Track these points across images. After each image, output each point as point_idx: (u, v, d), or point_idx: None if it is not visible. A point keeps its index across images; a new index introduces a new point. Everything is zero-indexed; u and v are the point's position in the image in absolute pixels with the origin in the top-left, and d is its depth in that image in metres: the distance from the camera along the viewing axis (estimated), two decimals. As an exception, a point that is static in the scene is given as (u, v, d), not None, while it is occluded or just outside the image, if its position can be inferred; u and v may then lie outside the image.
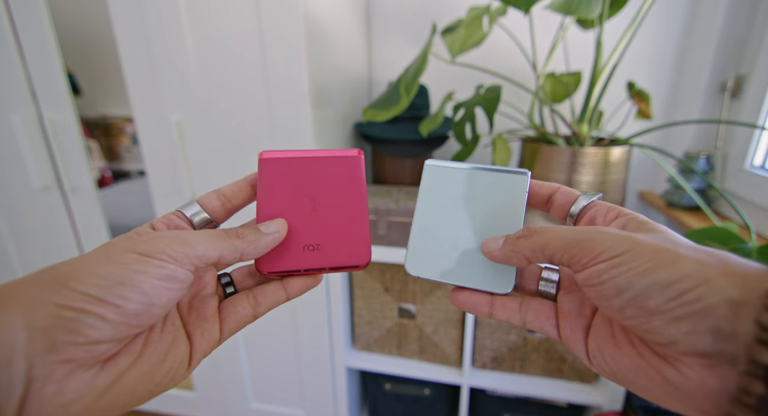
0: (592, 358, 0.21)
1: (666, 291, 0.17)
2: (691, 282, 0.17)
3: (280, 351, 1.03)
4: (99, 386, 0.18)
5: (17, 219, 1.05)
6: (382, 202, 0.86)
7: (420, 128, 0.85)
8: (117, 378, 0.19)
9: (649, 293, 0.17)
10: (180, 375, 0.22)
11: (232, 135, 0.86)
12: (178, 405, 1.18)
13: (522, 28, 0.92)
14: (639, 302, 0.17)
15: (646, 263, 0.18)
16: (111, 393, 0.19)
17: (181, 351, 0.22)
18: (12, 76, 0.90)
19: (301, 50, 0.75)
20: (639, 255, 0.18)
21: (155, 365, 0.21)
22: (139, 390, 0.20)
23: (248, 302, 0.25)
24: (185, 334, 0.23)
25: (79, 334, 0.17)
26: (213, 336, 0.24)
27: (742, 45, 0.86)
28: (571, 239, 0.20)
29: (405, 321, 0.97)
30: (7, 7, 0.85)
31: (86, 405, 0.18)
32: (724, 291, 0.16)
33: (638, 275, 0.18)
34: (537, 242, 0.22)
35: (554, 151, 0.77)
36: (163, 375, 0.21)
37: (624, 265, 0.18)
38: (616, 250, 0.19)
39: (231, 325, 0.25)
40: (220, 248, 0.22)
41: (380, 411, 1.11)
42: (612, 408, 0.88)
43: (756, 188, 0.80)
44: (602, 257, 0.19)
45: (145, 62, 0.83)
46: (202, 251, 0.21)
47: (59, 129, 0.94)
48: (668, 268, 0.17)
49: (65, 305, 0.17)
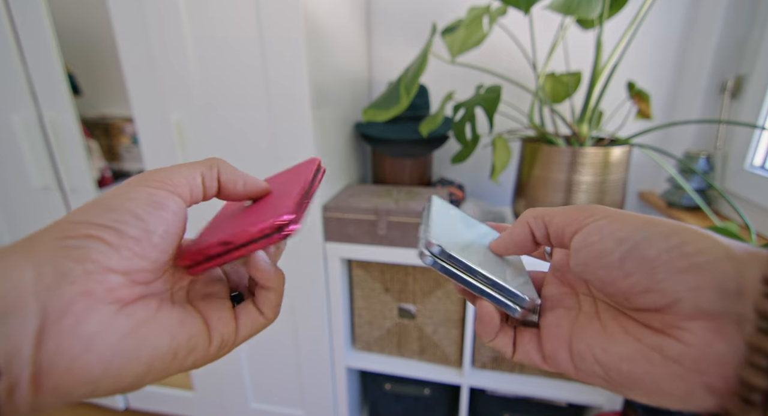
0: (579, 362, 0.20)
1: (668, 240, 0.17)
2: (690, 234, 0.16)
3: (280, 351, 1.03)
4: (120, 327, 0.18)
5: (17, 219, 1.05)
6: (382, 202, 0.86)
7: (420, 128, 0.85)
8: (137, 326, 0.18)
9: (649, 242, 0.17)
10: (200, 348, 0.21)
11: (232, 135, 0.86)
12: (178, 405, 1.18)
13: (522, 28, 0.92)
14: (640, 250, 0.17)
15: (642, 219, 0.18)
16: (132, 339, 0.18)
17: (198, 324, 0.22)
18: (12, 76, 0.90)
19: (301, 50, 0.75)
20: (634, 215, 0.19)
21: (175, 324, 0.20)
22: (162, 346, 0.19)
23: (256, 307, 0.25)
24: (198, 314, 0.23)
25: (87, 261, 0.17)
26: (229, 324, 0.23)
27: (742, 45, 0.86)
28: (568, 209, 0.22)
29: (405, 321, 0.97)
30: (7, 7, 0.85)
31: (108, 343, 0.17)
32: (725, 248, 0.16)
33: (637, 228, 0.18)
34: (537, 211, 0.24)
35: (554, 151, 0.77)
36: (185, 339, 0.20)
37: (622, 220, 0.19)
38: (612, 210, 0.20)
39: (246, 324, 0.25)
40: (198, 168, 0.23)
41: (380, 411, 1.11)
42: (612, 408, 0.88)
43: (756, 188, 0.80)
44: (600, 216, 0.20)
45: (145, 62, 0.83)
46: (184, 170, 0.22)
47: (59, 129, 0.94)
48: (665, 223, 0.18)
49: (66, 235, 0.17)
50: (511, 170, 1.13)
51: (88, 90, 1.30)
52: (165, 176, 0.21)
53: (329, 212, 0.87)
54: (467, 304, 0.88)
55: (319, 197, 0.86)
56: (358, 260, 0.93)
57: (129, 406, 1.25)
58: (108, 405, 1.25)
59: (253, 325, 0.25)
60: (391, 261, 0.87)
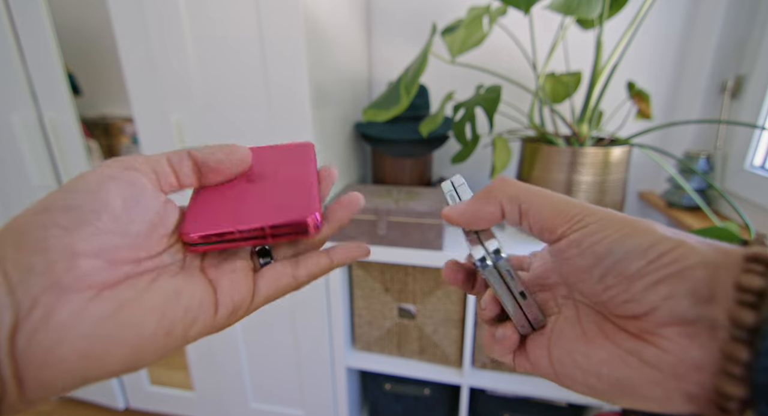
0: (559, 367, 0.20)
1: (646, 254, 0.17)
2: (668, 244, 0.16)
3: (280, 351, 1.03)
4: (94, 313, 0.17)
5: (17, 219, 1.05)
6: (382, 202, 0.86)
7: (420, 128, 0.85)
8: (118, 308, 0.18)
9: (629, 258, 0.17)
10: (203, 319, 0.20)
11: (232, 135, 0.85)
12: (178, 405, 1.18)
13: (522, 28, 0.92)
14: (619, 267, 0.17)
15: (623, 228, 0.18)
16: (112, 322, 0.17)
17: (198, 291, 0.20)
18: (12, 76, 0.90)
19: (301, 50, 0.75)
20: (614, 222, 0.18)
21: (166, 299, 0.19)
22: (148, 326, 0.18)
23: (287, 263, 0.23)
24: (204, 278, 0.21)
25: (48, 251, 0.16)
26: (242, 287, 0.22)
27: (742, 45, 0.86)
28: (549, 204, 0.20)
29: (405, 321, 0.97)
30: (7, 7, 0.85)
31: (82, 332, 0.17)
32: (700, 253, 0.16)
33: (616, 241, 0.18)
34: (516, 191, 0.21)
35: (554, 151, 0.77)
36: (179, 314, 0.19)
37: (602, 231, 0.18)
38: (592, 217, 0.19)
39: (269, 281, 0.23)
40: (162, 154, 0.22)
41: (380, 411, 1.11)
42: (612, 408, 0.88)
43: (756, 188, 0.80)
44: (580, 224, 0.19)
45: (145, 62, 0.83)
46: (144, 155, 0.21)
47: (59, 129, 0.94)
48: (646, 232, 0.17)
49: (23, 230, 0.17)
50: (511, 170, 1.13)
51: (88, 90, 1.30)
52: (119, 159, 0.20)
53: (329, 212, 0.86)
54: (467, 304, 0.88)
55: (319, 197, 0.86)
56: (357, 260, 0.93)
57: (129, 406, 1.25)
58: (108, 405, 1.25)
59: (277, 287, 0.23)
60: (391, 261, 0.87)
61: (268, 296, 0.23)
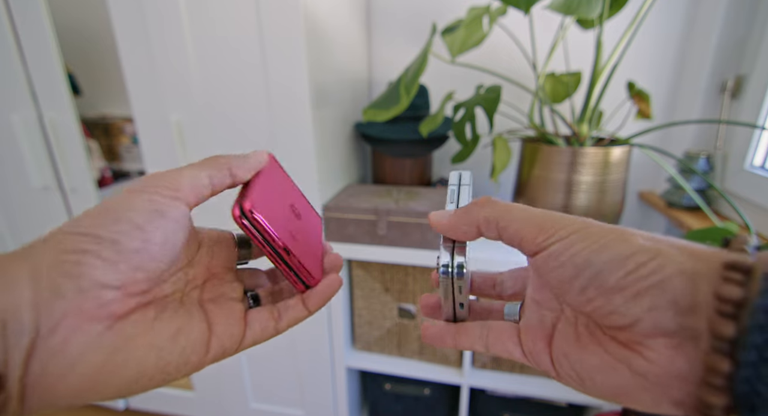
0: (558, 367, 0.21)
1: (624, 265, 0.17)
2: (646, 255, 0.16)
3: (280, 351, 1.03)
4: (106, 346, 0.18)
5: (17, 219, 1.05)
6: (382, 202, 0.86)
7: (420, 128, 0.85)
8: (124, 343, 0.18)
9: (608, 269, 0.17)
10: (195, 359, 0.21)
11: (232, 135, 0.86)
12: (178, 405, 1.18)
13: (522, 28, 0.92)
14: (599, 279, 0.17)
15: (601, 239, 0.18)
16: (118, 357, 0.18)
17: (195, 333, 0.21)
18: (12, 76, 0.90)
19: (301, 50, 0.75)
20: (592, 233, 0.18)
21: (166, 340, 0.20)
22: (147, 363, 0.19)
23: (272, 315, 0.25)
24: (204, 319, 0.22)
25: (82, 277, 0.17)
26: (235, 331, 0.23)
27: (742, 45, 0.86)
28: (526, 218, 0.20)
29: (405, 321, 0.97)
30: (7, 7, 0.85)
31: (92, 364, 0.17)
32: (678, 262, 0.16)
33: (595, 252, 0.17)
34: (493, 212, 0.21)
35: (554, 151, 0.77)
36: (176, 354, 0.20)
37: (580, 242, 0.18)
38: (569, 229, 0.19)
39: (255, 331, 0.24)
40: (206, 168, 0.22)
41: (380, 411, 1.11)
42: (612, 408, 0.88)
43: (756, 188, 0.80)
44: (557, 237, 0.19)
45: (145, 62, 0.83)
46: (188, 173, 0.21)
47: (59, 129, 0.94)
48: (623, 243, 0.17)
49: (64, 249, 0.17)
50: (511, 170, 1.13)
51: (88, 90, 1.30)
52: (168, 181, 0.21)
53: (329, 212, 0.87)
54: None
55: (320, 197, 0.86)
56: (358, 260, 0.93)
57: (129, 406, 1.25)
58: (108, 405, 1.25)
59: (262, 335, 0.24)
60: (391, 261, 0.87)
61: (254, 343, 0.24)
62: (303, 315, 0.26)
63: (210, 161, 0.23)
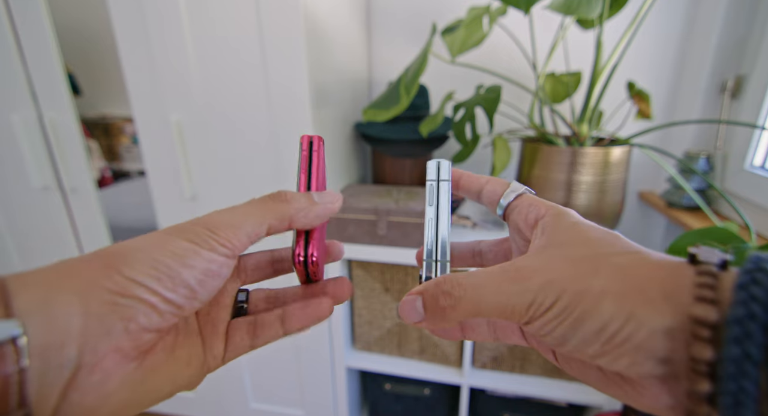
0: (562, 364, 0.22)
1: (599, 337, 0.17)
2: (617, 323, 0.17)
3: (280, 351, 1.03)
4: (135, 380, 0.18)
5: (17, 219, 1.05)
6: (382, 202, 0.86)
7: (420, 128, 0.86)
8: (149, 375, 0.19)
9: (585, 343, 0.18)
10: (195, 381, 0.22)
11: (232, 135, 0.86)
12: (178, 405, 1.18)
13: (522, 28, 0.92)
14: (579, 350, 0.18)
15: (574, 312, 0.18)
16: (142, 388, 0.19)
17: (198, 359, 0.22)
18: (12, 76, 0.90)
19: (301, 50, 0.75)
20: (566, 305, 0.18)
21: (182, 367, 0.21)
22: (162, 391, 0.20)
23: (248, 332, 0.25)
24: (202, 342, 0.23)
25: (131, 321, 0.17)
26: (218, 355, 0.24)
27: (742, 45, 0.86)
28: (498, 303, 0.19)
29: (405, 321, 0.97)
30: (7, 7, 0.85)
31: (122, 398, 0.18)
32: (649, 324, 0.16)
33: (570, 327, 0.18)
34: (467, 309, 0.20)
35: (554, 151, 0.77)
36: (185, 378, 0.21)
37: (555, 320, 0.18)
38: (543, 305, 0.18)
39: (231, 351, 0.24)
40: (268, 219, 0.22)
41: (380, 411, 1.11)
42: (612, 408, 0.88)
43: (756, 188, 0.80)
44: (536, 315, 0.19)
45: (145, 62, 0.83)
46: (250, 229, 0.21)
47: (59, 129, 0.94)
48: (594, 314, 0.17)
49: (120, 292, 0.17)
50: (511, 170, 1.13)
51: (88, 90, 1.30)
52: (230, 236, 0.20)
53: (329, 212, 0.86)
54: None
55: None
56: (358, 260, 0.93)
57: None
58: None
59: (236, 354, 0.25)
60: (391, 261, 0.87)
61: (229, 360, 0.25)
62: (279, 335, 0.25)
63: (272, 208, 0.22)
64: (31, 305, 0.16)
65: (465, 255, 0.28)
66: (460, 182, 0.27)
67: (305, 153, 0.25)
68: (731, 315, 0.15)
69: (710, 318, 0.15)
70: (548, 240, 0.21)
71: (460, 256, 0.28)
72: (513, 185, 0.25)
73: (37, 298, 0.16)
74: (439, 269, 0.24)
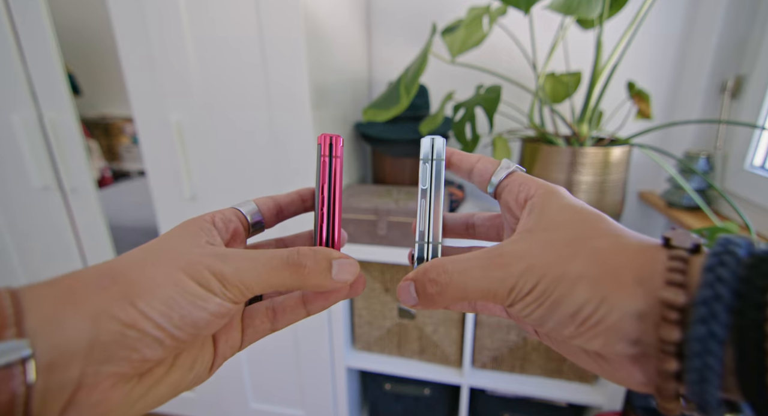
0: (544, 340, 0.23)
1: (574, 320, 0.18)
2: (591, 306, 0.18)
3: (280, 351, 1.03)
4: (133, 397, 0.19)
5: (17, 219, 1.05)
6: (382, 202, 0.86)
7: (420, 128, 0.86)
8: (149, 389, 0.19)
9: (561, 324, 0.19)
10: (201, 380, 0.22)
11: (232, 135, 0.86)
12: (178, 405, 1.18)
13: (522, 28, 0.92)
14: (556, 331, 0.19)
15: (552, 296, 0.19)
16: (141, 402, 0.19)
17: (206, 358, 0.22)
18: (12, 76, 0.90)
19: (301, 50, 0.75)
20: (544, 289, 0.19)
21: (184, 373, 0.21)
22: (164, 398, 0.20)
23: (267, 316, 0.25)
24: (212, 340, 0.23)
25: (136, 352, 0.18)
26: (235, 344, 0.24)
27: (742, 45, 0.86)
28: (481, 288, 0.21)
29: (405, 321, 0.97)
30: (7, 7, 0.85)
31: (121, 414, 0.18)
32: (621, 307, 0.17)
33: (548, 310, 0.19)
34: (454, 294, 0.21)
35: (554, 151, 0.77)
36: (188, 381, 0.22)
37: (534, 303, 0.19)
38: (523, 290, 0.19)
39: (251, 335, 0.25)
40: (278, 285, 0.21)
41: (380, 411, 1.11)
42: (612, 408, 0.88)
43: (756, 188, 0.80)
44: (516, 298, 0.20)
45: (145, 62, 0.83)
46: (259, 289, 0.21)
47: (59, 129, 0.94)
48: (570, 298, 0.18)
49: (130, 324, 0.17)
50: (511, 170, 1.13)
51: (88, 90, 1.30)
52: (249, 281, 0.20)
53: (329, 212, 0.86)
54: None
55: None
56: (358, 260, 0.93)
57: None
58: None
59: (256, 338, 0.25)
60: (391, 261, 0.87)
61: (251, 342, 0.25)
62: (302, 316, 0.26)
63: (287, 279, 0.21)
64: (42, 324, 0.16)
65: (458, 227, 0.29)
66: (451, 160, 0.27)
67: (325, 159, 0.23)
68: (698, 297, 0.15)
69: (678, 301, 0.16)
70: (534, 223, 0.21)
71: (454, 228, 0.29)
72: (503, 162, 0.25)
73: (49, 317, 0.16)
74: (430, 251, 0.24)
